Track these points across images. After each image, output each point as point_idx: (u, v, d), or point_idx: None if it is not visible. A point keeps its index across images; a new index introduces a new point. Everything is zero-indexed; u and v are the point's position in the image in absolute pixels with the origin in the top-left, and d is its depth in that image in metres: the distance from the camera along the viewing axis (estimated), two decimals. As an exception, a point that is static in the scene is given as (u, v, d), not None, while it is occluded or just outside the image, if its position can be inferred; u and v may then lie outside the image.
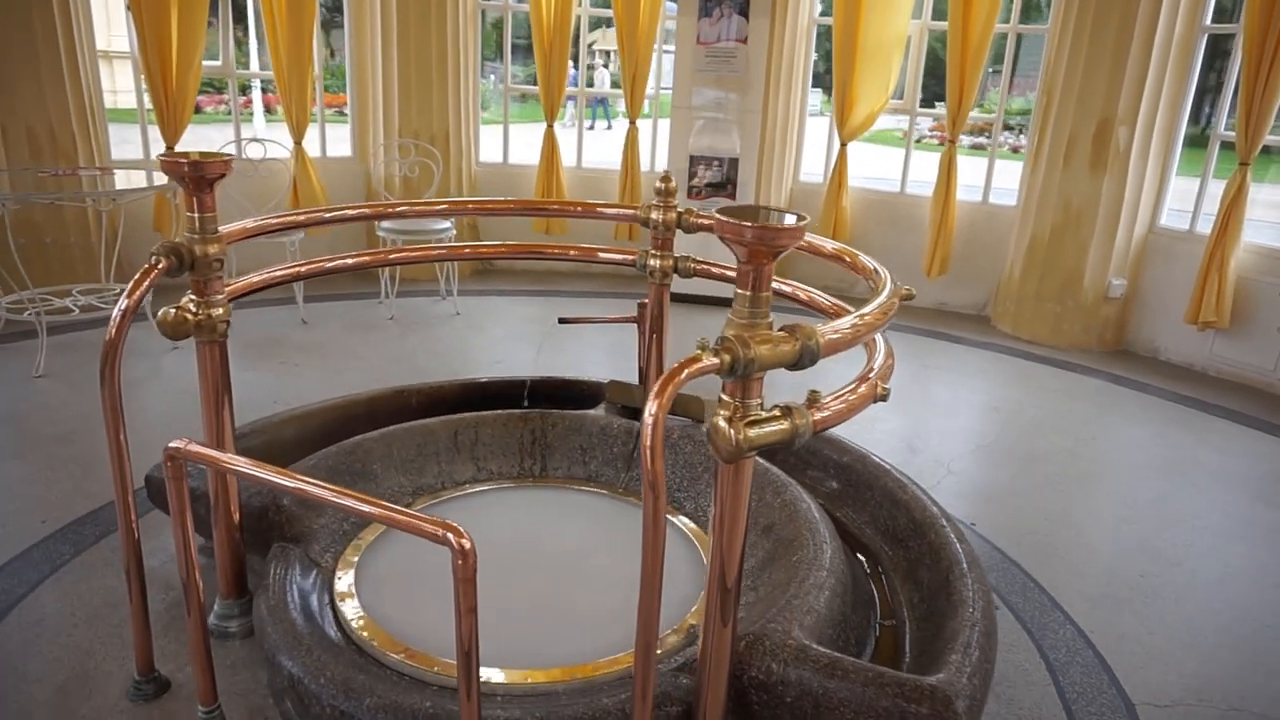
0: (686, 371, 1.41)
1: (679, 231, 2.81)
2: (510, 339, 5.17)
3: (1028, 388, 4.90)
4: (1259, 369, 5.01)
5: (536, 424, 3.03)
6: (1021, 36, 6.03)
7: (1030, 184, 5.65)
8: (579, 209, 3.05)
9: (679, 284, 3.18)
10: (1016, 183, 5.96)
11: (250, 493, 2.31)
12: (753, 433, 1.47)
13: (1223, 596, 2.87)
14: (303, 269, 2.46)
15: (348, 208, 2.66)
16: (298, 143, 6.01)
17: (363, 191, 6.51)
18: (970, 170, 6.30)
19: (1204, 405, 4.73)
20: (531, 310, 5.80)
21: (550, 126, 6.45)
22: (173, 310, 1.95)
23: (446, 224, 5.29)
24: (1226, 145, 5.05)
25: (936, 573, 2.27)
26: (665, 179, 2.77)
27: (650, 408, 1.39)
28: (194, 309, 1.99)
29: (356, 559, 2.39)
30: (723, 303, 5.84)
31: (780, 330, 1.49)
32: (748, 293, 1.48)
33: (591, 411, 3.11)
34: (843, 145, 6.14)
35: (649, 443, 1.39)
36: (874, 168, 8.07)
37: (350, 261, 2.63)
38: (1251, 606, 2.83)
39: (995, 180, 6.15)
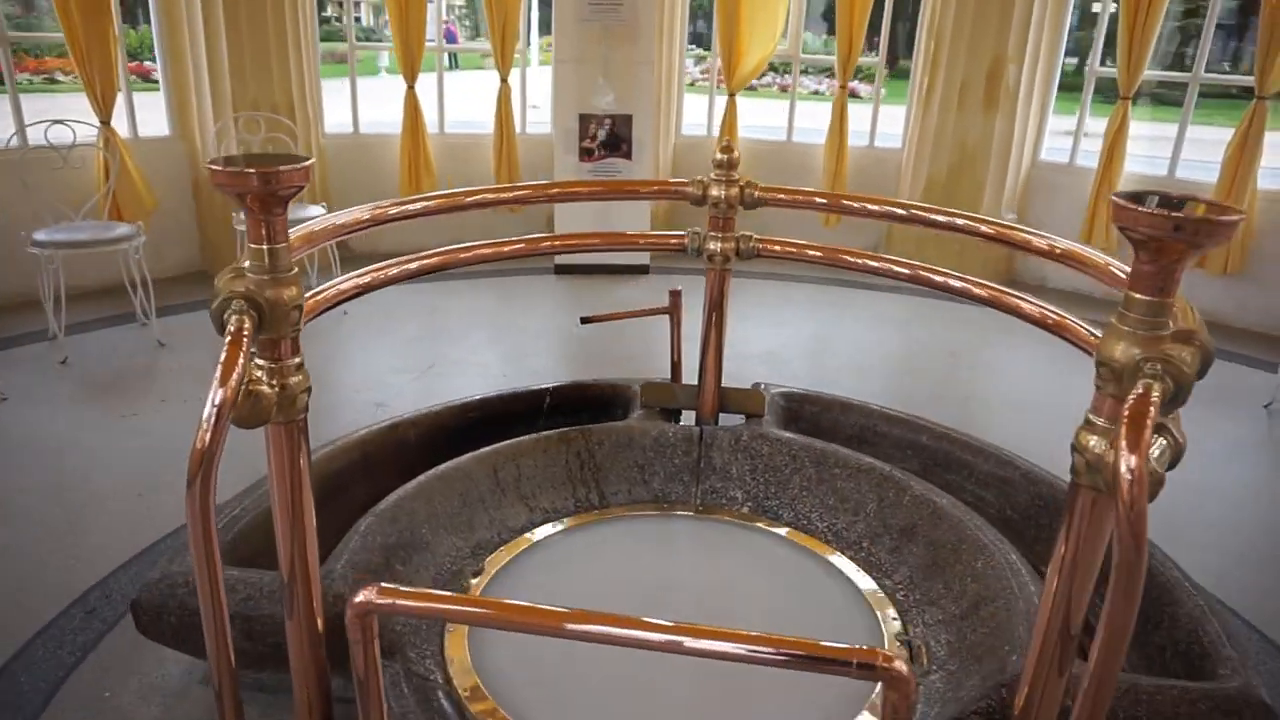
0: (1153, 409, 1.10)
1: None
2: (405, 343, 4.54)
3: (944, 322, 4.99)
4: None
5: (580, 444, 2.59)
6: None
7: (922, 126, 5.72)
8: (635, 190, 2.59)
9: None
10: (900, 126, 6.04)
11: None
12: (1159, 468, 1.19)
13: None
14: (365, 279, 1.85)
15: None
16: (105, 121, 4.90)
17: (188, 176, 5.47)
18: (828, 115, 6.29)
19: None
20: (435, 301, 5.16)
21: (411, 88, 5.72)
22: (241, 387, 1.35)
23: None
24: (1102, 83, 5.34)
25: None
26: (727, 148, 2.39)
27: (1128, 462, 1.06)
28: (268, 380, 1.39)
29: (461, 655, 1.90)
30: (608, 270, 5.52)
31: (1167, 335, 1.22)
32: (1148, 298, 1.19)
33: (635, 421, 2.71)
34: (730, 96, 5.91)
35: (1130, 504, 1.06)
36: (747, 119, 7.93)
37: (415, 265, 2.04)
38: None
39: (880, 125, 6.19)
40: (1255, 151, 4.71)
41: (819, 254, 2.56)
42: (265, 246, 1.37)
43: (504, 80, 5.82)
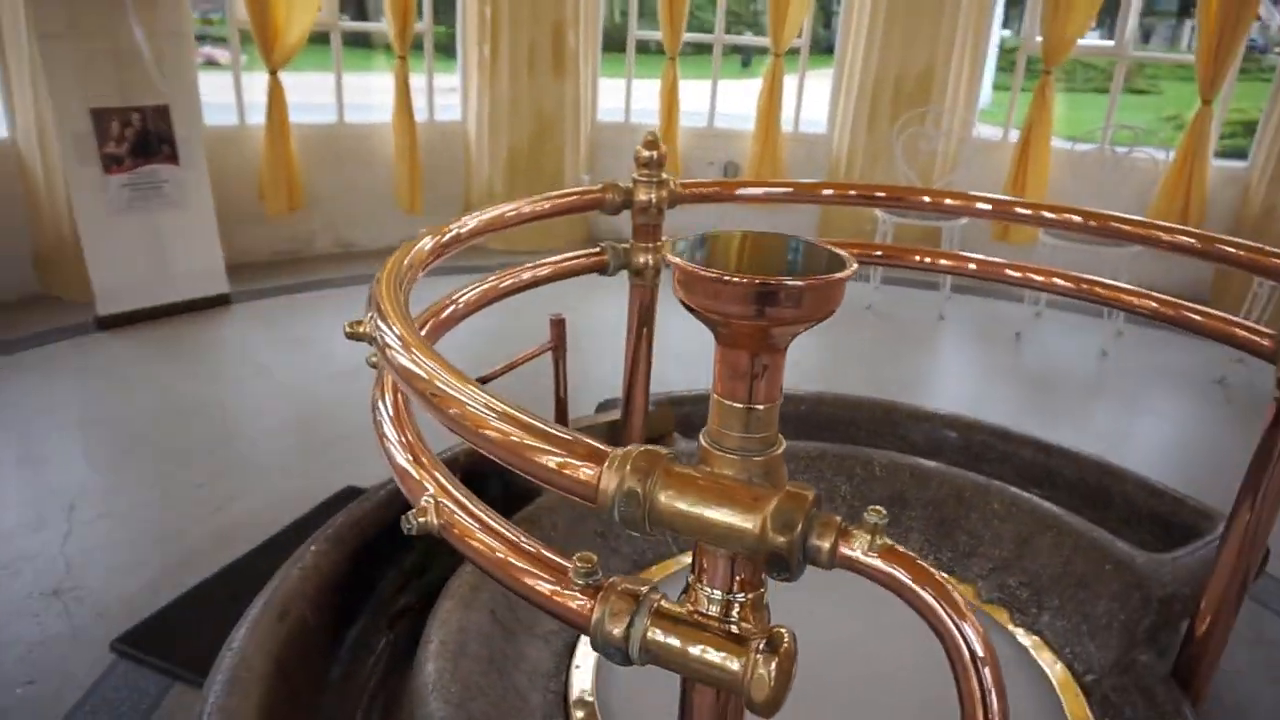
0: None
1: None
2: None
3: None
4: (705, 228, 6.13)
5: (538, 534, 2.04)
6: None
7: (493, 95, 5.50)
8: (540, 207, 1.96)
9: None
10: (459, 97, 5.74)
11: None
12: None
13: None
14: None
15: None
16: None
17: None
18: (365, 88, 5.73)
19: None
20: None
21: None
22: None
23: None
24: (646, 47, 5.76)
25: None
26: (653, 143, 2.03)
27: None
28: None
29: None
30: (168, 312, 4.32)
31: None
32: None
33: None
34: (273, 74, 4.91)
35: None
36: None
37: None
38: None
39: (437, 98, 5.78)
40: (779, 100, 5.64)
41: None
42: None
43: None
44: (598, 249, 2.11)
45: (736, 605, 0.82)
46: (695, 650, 0.78)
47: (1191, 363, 4.25)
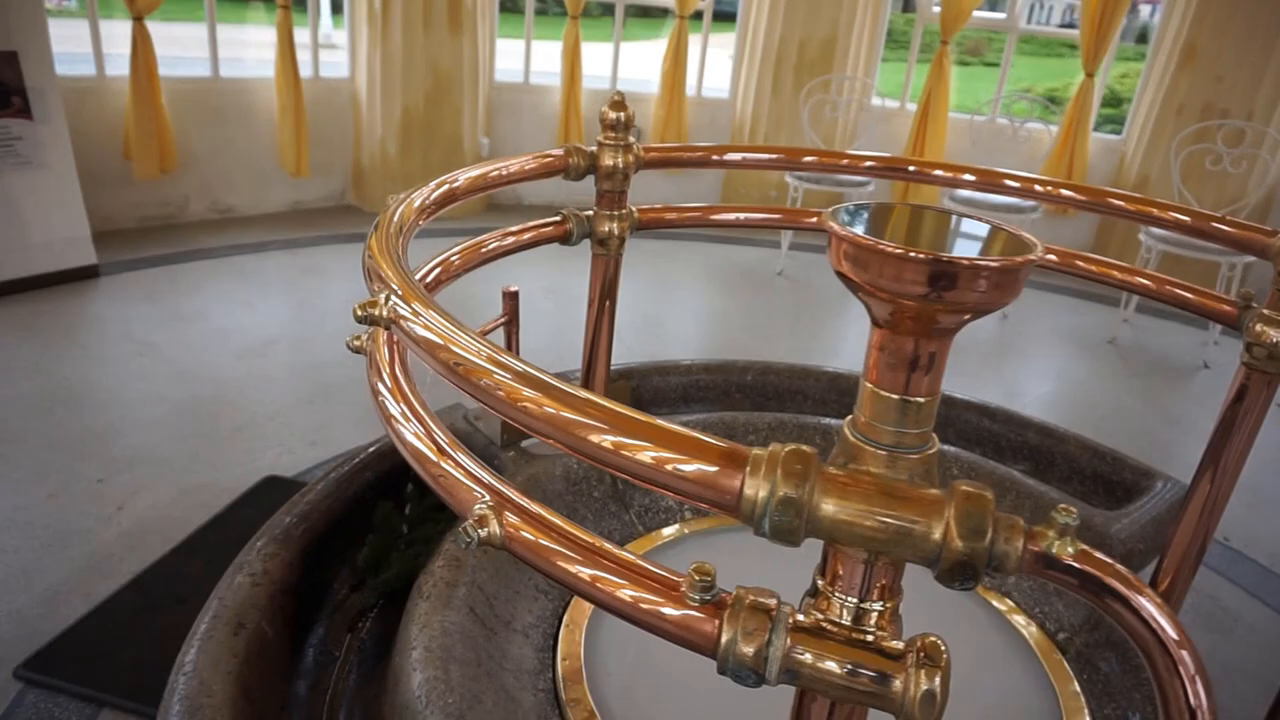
0: None
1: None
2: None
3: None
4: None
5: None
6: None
7: (384, 52, 5.16)
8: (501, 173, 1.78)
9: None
10: (346, 53, 5.36)
11: None
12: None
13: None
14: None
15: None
16: None
17: None
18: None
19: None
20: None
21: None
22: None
23: None
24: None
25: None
26: (620, 104, 1.91)
27: None
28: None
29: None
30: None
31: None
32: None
33: (526, 467, 2.10)
34: (137, 20, 4.41)
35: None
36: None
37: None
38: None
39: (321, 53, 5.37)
40: (684, 64, 5.55)
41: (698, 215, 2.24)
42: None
43: None
44: (559, 217, 1.97)
45: (874, 614, 0.75)
46: (845, 668, 0.71)
47: (1084, 324, 4.50)
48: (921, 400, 0.69)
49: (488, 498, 0.93)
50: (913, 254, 0.62)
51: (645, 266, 4.71)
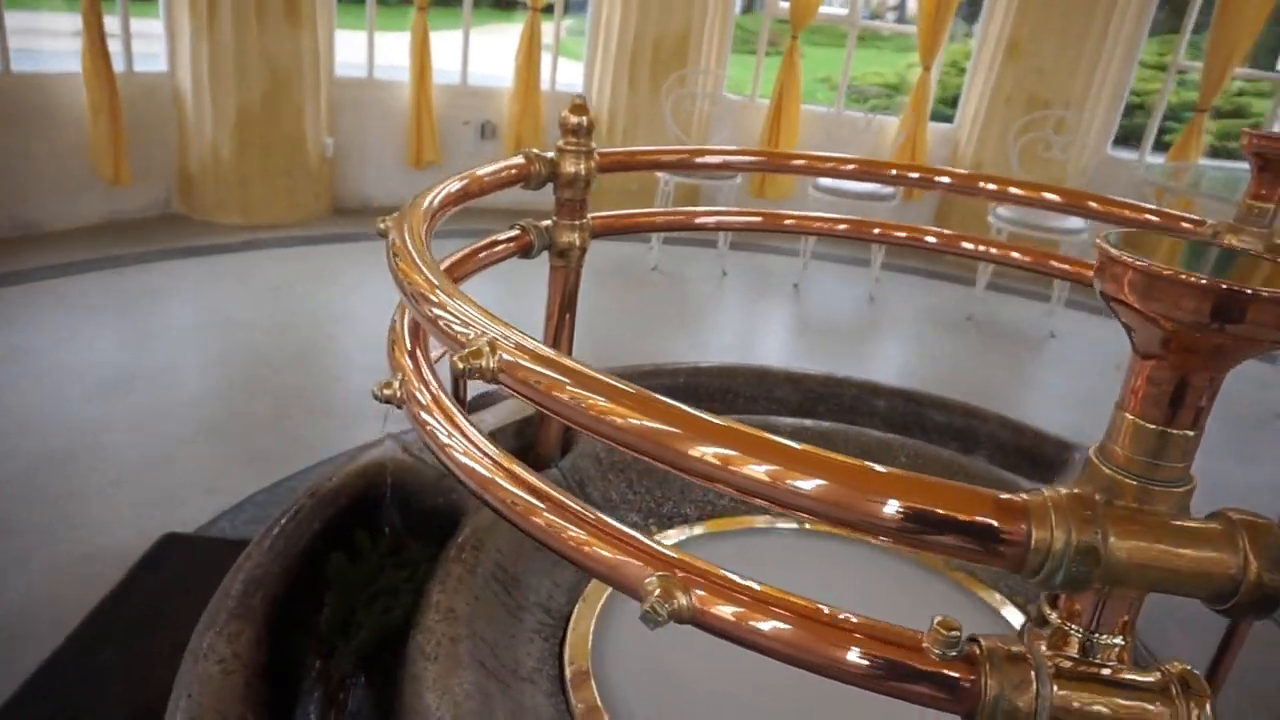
0: None
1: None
2: None
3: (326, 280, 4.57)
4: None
5: (487, 560, 1.79)
6: None
7: (213, 44, 4.66)
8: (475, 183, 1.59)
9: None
10: (163, 44, 4.81)
11: None
12: None
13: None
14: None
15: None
16: None
17: None
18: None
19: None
20: None
21: None
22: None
23: None
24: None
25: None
26: (581, 108, 1.80)
27: None
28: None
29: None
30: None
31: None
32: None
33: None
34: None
35: None
36: None
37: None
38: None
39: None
40: (538, 58, 5.40)
41: (668, 220, 2.16)
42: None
43: None
44: (517, 229, 1.84)
45: (1115, 649, 0.73)
46: (1115, 711, 0.68)
47: (942, 302, 4.81)
48: (1191, 434, 0.67)
49: (651, 570, 0.83)
50: (1226, 286, 0.59)
51: (509, 266, 4.55)
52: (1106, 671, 0.70)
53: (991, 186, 1.67)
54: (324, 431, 2.84)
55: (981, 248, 1.86)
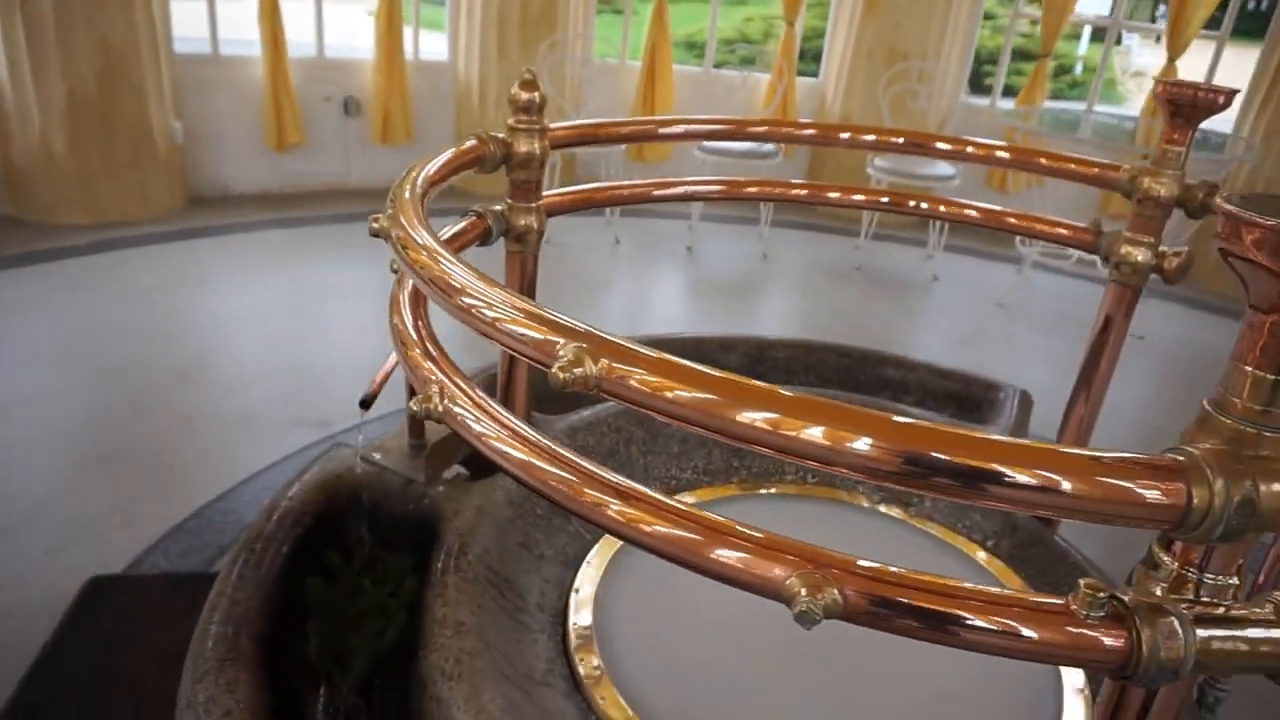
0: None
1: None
2: None
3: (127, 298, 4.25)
4: (334, 173, 5.44)
5: (476, 560, 1.74)
6: None
7: (27, 20, 4.12)
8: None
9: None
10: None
11: None
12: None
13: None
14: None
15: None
16: None
17: None
18: None
19: (314, 219, 4.95)
20: None
21: None
22: None
23: None
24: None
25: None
26: (531, 84, 1.73)
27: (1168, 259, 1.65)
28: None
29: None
30: None
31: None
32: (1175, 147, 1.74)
33: (465, 499, 1.89)
34: None
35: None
36: None
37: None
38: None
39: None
40: (399, 26, 5.13)
41: (628, 193, 2.08)
42: None
43: None
44: (472, 215, 1.76)
45: (1231, 589, 0.78)
46: (1253, 646, 0.73)
47: (831, 254, 4.98)
48: (1308, 383, 0.72)
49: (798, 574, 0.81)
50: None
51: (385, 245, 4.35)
52: (1233, 611, 0.75)
53: (946, 146, 1.73)
54: (237, 445, 2.64)
55: (925, 205, 1.92)
